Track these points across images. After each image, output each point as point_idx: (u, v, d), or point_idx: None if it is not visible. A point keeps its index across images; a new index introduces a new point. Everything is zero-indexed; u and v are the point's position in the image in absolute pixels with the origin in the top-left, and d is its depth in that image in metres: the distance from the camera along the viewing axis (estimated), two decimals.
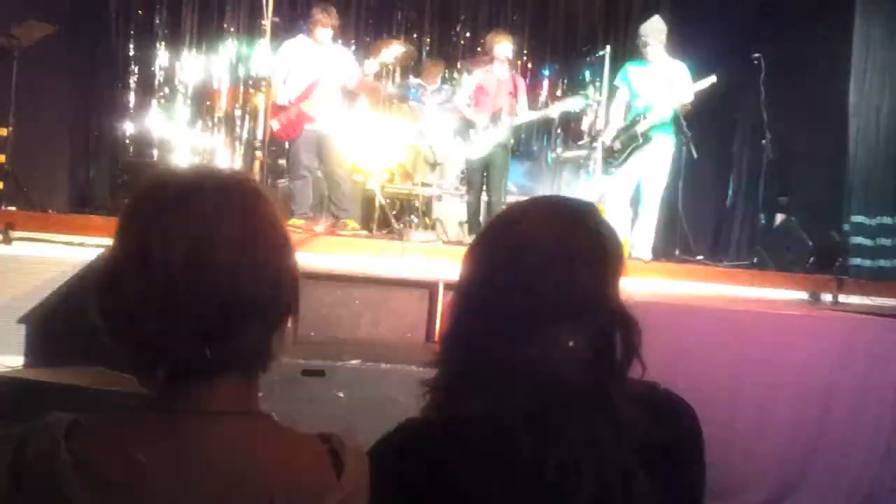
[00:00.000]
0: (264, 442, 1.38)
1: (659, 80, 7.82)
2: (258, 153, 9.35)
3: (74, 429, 1.30)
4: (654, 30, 7.87)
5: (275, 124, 7.94)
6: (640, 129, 7.75)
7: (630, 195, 7.97)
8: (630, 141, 7.82)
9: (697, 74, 7.83)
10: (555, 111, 8.59)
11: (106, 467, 1.27)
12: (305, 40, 8.07)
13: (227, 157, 10.83)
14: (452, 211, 9.34)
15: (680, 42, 8.21)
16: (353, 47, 10.68)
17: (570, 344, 1.48)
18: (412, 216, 9.11)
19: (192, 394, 1.35)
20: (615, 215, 7.75)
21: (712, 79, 7.73)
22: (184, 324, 1.31)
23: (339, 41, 8.61)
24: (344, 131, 8.04)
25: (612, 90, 8.51)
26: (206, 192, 1.37)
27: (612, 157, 8.04)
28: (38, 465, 1.27)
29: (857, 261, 8.69)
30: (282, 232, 1.44)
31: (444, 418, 1.52)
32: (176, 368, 1.34)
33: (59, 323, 4.91)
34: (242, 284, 1.33)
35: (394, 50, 8.67)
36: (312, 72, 7.95)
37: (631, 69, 8.07)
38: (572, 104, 8.71)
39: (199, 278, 1.31)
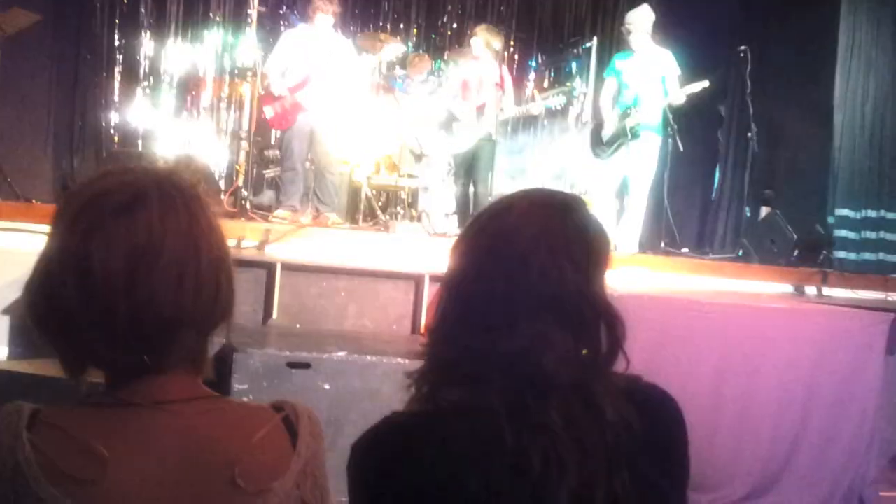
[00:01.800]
0: (220, 423, 1.39)
1: (647, 71, 7.81)
2: (244, 143, 9.32)
3: (35, 420, 1.30)
4: (641, 18, 7.84)
5: (269, 111, 7.88)
6: (629, 123, 7.73)
7: (616, 187, 7.99)
8: (619, 135, 7.81)
9: (684, 68, 7.83)
10: (537, 108, 8.57)
11: (68, 460, 1.27)
12: (305, 29, 7.98)
13: (212, 147, 10.79)
14: (438, 203, 9.33)
15: (666, 35, 8.20)
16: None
17: (555, 337, 1.48)
18: (398, 208, 9.09)
19: (139, 387, 1.36)
20: (601, 207, 7.79)
21: (705, 83, 7.72)
22: (121, 333, 1.31)
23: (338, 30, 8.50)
24: (334, 123, 7.99)
25: (600, 82, 8.51)
26: (150, 200, 1.36)
27: (600, 148, 8.03)
28: (1, 457, 1.27)
29: (841, 254, 8.74)
30: (222, 243, 1.44)
31: (428, 411, 1.52)
32: (115, 371, 1.36)
33: None
34: (182, 297, 1.34)
35: (393, 49, 8.62)
36: (311, 62, 7.87)
37: (619, 61, 8.04)
38: (555, 101, 8.68)
39: (139, 290, 1.31)
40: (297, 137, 7.87)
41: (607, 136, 7.92)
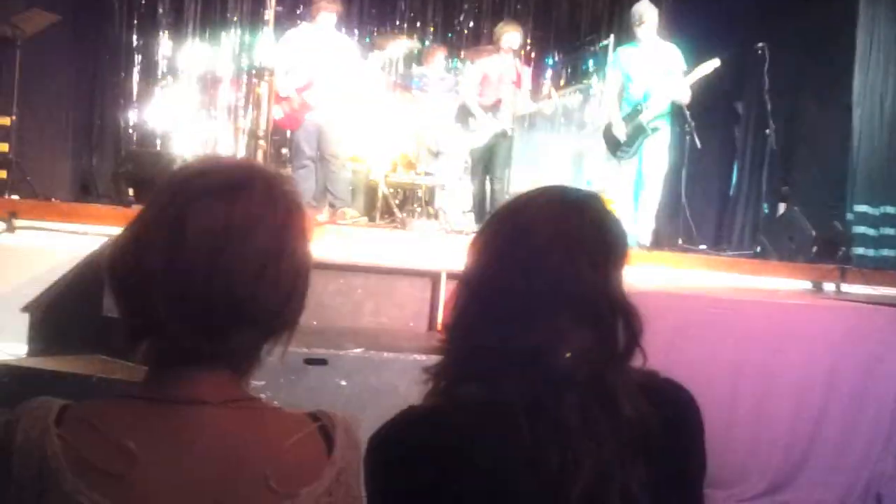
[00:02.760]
0: (254, 425, 1.39)
1: (652, 63, 7.76)
2: (261, 142, 9.33)
3: (64, 415, 1.31)
4: (648, 10, 7.79)
5: (278, 112, 7.91)
6: (644, 119, 7.68)
7: (633, 184, 7.94)
8: (638, 132, 7.74)
9: (699, 61, 7.78)
10: (550, 106, 8.53)
11: (97, 455, 1.28)
12: (308, 28, 8.04)
13: (230, 146, 10.82)
14: (455, 200, 9.34)
15: (683, 31, 8.18)
16: (357, 37, 10.66)
17: (572, 333, 1.49)
18: (415, 205, 9.11)
19: (178, 383, 1.36)
20: (621, 206, 7.74)
21: (715, 62, 7.64)
22: (189, 310, 1.31)
23: (343, 30, 8.55)
24: (343, 121, 8.02)
25: (605, 76, 8.47)
26: (254, 187, 1.38)
27: (621, 149, 7.92)
28: (29, 451, 1.27)
29: (860, 250, 8.67)
30: (308, 254, 1.44)
31: (445, 406, 1.53)
32: (167, 353, 1.36)
33: (62, 311, 4.92)
34: (257, 290, 1.34)
35: (400, 45, 8.63)
36: (316, 61, 7.92)
37: (623, 53, 7.97)
38: (571, 98, 8.67)
39: (219, 271, 1.31)
40: (305, 136, 7.94)
41: (624, 135, 7.81)
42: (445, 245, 6.51)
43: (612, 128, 7.91)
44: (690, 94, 7.66)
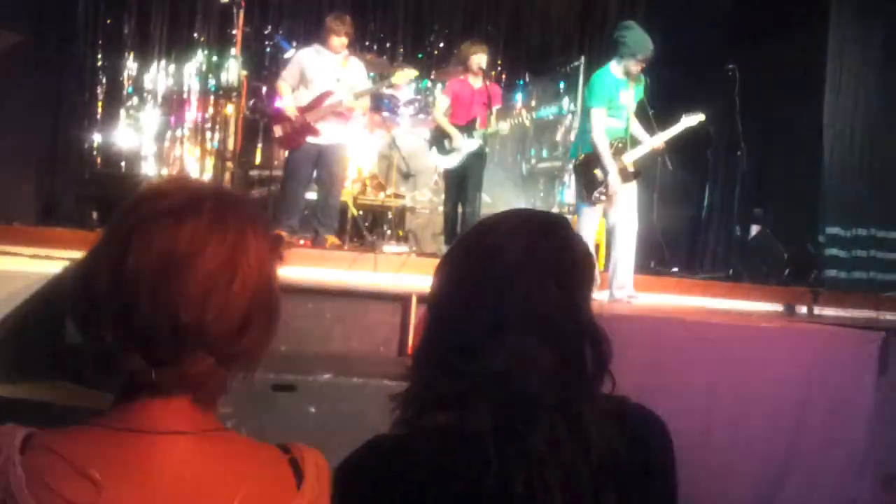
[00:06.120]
0: (222, 456, 1.36)
1: (632, 103, 6.95)
2: (228, 164, 9.27)
3: (29, 443, 1.29)
4: (648, 48, 6.78)
5: (277, 131, 7.80)
6: (627, 160, 6.79)
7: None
8: (627, 178, 6.80)
9: (671, 89, 7.74)
10: (527, 119, 8.45)
11: (61, 484, 1.25)
12: (321, 50, 7.90)
13: (196, 168, 10.75)
14: (425, 223, 9.30)
15: (655, 53, 8.16)
16: None
17: (540, 357, 1.48)
18: (385, 228, 9.06)
19: (142, 412, 1.33)
20: (586, 227, 6.97)
21: (700, 117, 7.03)
22: (135, 337, 1.29)
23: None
24: (346, 145, 7.96)
25: (587, 108, 7.09)
26: (203, 210, 1.34)
27: (600, 191, 6.81)
28: None
29: (832, 272, 8.74)
30: (267, 278, 1.39)
31: (412, 434, 1.52)
32: (125, 383, 1.33)
33: (24, 337, 4.83)
34: (205, 314, 1.30)
35: (407, 74, 8.57)
36: (325, 83, 7.79)
37: (609, 78, 6.92)
38: (546, 112, 8.62)
39: (164, 294, 1.29)
40: (303, 159, 7.78)
41: (613, 176, 6.73)
42: (415, 268, 6.46)
43: (596, 165, 6.84)
44: (664, 145, 6.97)
